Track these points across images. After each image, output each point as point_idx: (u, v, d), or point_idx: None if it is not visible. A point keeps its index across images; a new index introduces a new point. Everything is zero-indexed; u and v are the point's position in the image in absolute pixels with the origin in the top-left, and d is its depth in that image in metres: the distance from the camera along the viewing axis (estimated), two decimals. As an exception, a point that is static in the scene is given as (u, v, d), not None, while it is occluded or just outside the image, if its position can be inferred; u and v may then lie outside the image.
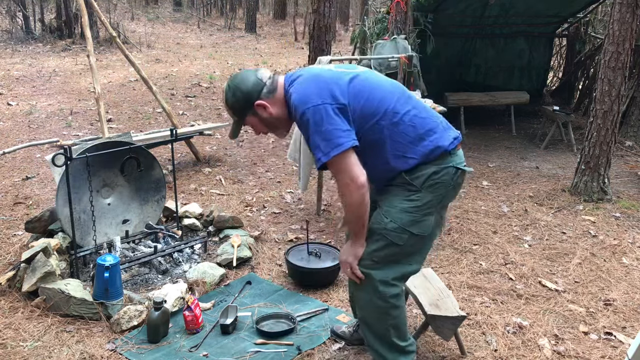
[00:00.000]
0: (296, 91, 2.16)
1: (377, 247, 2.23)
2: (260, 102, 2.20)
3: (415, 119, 2.20)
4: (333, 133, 2.08)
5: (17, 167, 5.44)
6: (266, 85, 2.21)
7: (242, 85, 2.21)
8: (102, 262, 2.92)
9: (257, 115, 2.24)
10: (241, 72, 2.27)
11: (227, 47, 14.91)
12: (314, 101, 2.10)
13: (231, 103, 2.24)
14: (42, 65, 10.98)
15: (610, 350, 2.81)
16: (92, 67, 4.93)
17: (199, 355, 2.71)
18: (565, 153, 6.42)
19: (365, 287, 2.28)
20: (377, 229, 2.23)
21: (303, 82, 2.18)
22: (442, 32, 7.40)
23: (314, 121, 2.09)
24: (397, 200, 2.23)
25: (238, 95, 2.21)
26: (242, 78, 2.23)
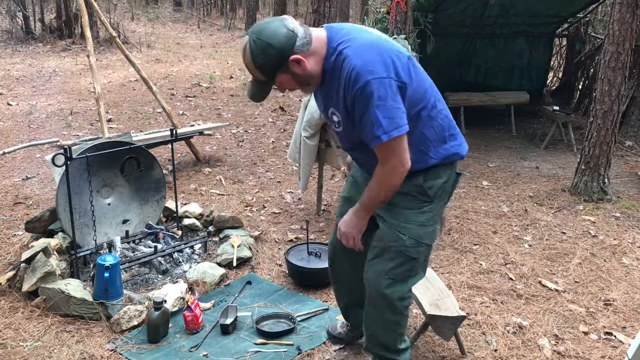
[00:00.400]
0: (356, 55, 1.91)
1: (395, 264, 2.17)
2: (296, 57, 1.92)
3: (445, 120, 2.14)
4: (396, 112, 1.91)
5: (17, 167, 5.44)
6: (299, 36, 1.92)
7: (274, 40, 1.89)
8: (102, 262, 2.92)
9: (290, 72, 1.96)
10: (264, 23, 1.95)
11: (227, 47, 14.91)
12: (380, 72, 1.89)
13: (260, 62, 1.91)
14: (42, 65, 10.98)
15: (610, 350, 2.81)
16: (92, 67, 4.93)
17: (199, 355, 2.71)
18: (565, 153, 6.42)
19: (379, 307, 2.24)
20: (393, 247, 2.15)
21: (363, 46, 1.94)
22: (442, 32, 7.39)
23: (378, 95, 1.88)
24: (411, 215, 2.14)
25: (270, 53, 1.89)
26: (272, 31, 1.90)
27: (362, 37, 1.98)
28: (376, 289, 2.21)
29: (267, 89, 2.02)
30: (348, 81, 1.91)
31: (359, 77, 1.88)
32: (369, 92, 1.88)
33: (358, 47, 1.93)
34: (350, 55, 1.91)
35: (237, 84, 9.86)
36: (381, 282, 2.19)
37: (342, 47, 1.94)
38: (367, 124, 1.93)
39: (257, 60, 1.91)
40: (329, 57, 1.97)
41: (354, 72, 1.89)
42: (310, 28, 1.99)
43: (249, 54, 1.92)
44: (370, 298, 2.27)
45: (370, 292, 2.27)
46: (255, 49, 1.90)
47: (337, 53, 1.95)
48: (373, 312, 2.29)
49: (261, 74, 1.96)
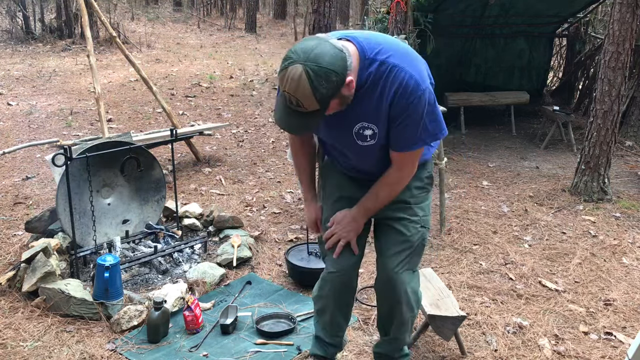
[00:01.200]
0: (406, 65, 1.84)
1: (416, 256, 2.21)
2: (349, 79, 1.78)
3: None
4: (440, 116, 1.96)
5: (17, 167, 5.44)
6: (347, 55, 1.78)
7: (335, 65, 1.72)
8: (102, 262, 2.92)
9: (340, 96, 1.80)
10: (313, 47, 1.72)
11: (227, 47, 14.91)
12: (426, 81, 1.89)
13: (322, 93, 1.71)
14: (42, 65, 10.98)
15: (610, 350, 2.81)
16: (92, 67, 4.93)
17: (199, 355, 2.71)
18: (565, 153, 6.42)
19: (412, 305, 2.24)
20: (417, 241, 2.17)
21: (405, 55, 1.88)
22: (442, 32, 7.39)
23: (429, 103, 1.89)
24: (426, 206, 2.22)
25: (333, 80, 1.71)
26: (329, 55, 1.71)
27: (397, 45, 1.91)
28: (408, 286, 2.18)
29: (318, 119, 1.81)
30: (403, 91, 1.83)
31: (417, 87, 1.83)
32: (423, 102, 1.86)
33: (402, 56, 1.87)
34: (399, 64, 1.84)
35: (237, 84, 9.86)
36: (408, 278, 2.19)
37: (382, 57, 1.85)
38: (413, 131, 1.90)
39: (318, 91, 1.71)
40: (366, 68, 1.85)
41: (411, 81, 1.83)
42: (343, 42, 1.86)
43: (307, 85, 1.69)
44: (405, 303, 2.21)
45: (401, 296, 2.19)
46: (316, 79, 1.69)
47: (378, 63, 1.84)
48: (409, 316, 2.27)
49: (317, 104, 1.75)
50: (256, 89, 9.50)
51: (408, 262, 2.18)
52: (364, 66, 1.85)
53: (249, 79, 10.39)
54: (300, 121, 1.80)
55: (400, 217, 2.18)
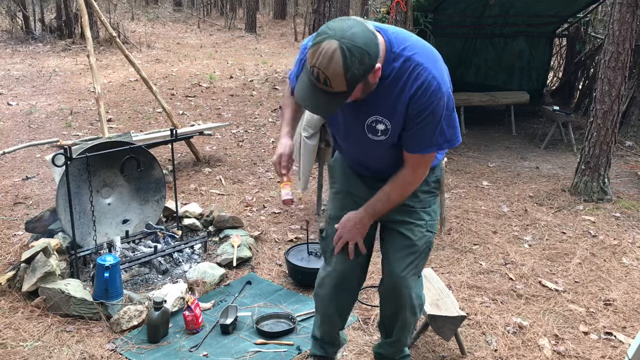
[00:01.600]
0: (431, 64, 1.80)
1: (421, 260, 2.20)
2: (379, 66, 1.74)
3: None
4: (457, 122, 1.94)
5: (17, 167, 5.44)
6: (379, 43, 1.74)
7: (370, 48, 1.67)
8: (102, 262, 2.92)
9: (366, 82, 1.75)
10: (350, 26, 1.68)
11: (227, 47, 14.91)
12: (448, 84, 1.86)
13: (352, 72, 1.66)
14: (42, 65, 10.98)
15: (610, 350, 2.81)
16: (92, 67, 4.93)
17: (199, 355, 2.71)
18: (565, 153, 6.42)
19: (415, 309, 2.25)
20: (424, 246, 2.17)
21: (431, 55, 1.85)
22: (442, 32, 7.40)
23: (448, 106, 1.85)
24: (433, 211, 2.20)
25: (366, 62, 1.67)
26: (366, 36, 1.67)
27: (423, 44, 1.88)
28: (413, 291, 2.19)
29: (343, 101, 1.75)
30: (424, 91, 1.79)
31: (438, 89, 1.79)
32: (443, 105, 1.83)
33: (427, 56, 1.83)
34: (425, 64, 1.80)
35: (237, 84, 9.86)
36: (413, 283, 2.18)
37: (409, 53, 1.80)
38: (429, 133, 1.87)
39: (351, 70, 1.65)
40: (391, 62, 1.81)
41: (433, 83, 1.79)
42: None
43: (340, 62, 1.64)
44: (409, 308, 2.22)
45: (405, 300, 2.19)
46: (351, 58, 1.64)
47: (403, 59, 1.80)
48: (412, 320, 2.28)
49: (345, 85, 1.69)
50: (256, 89, 9.50)
51: (414, 267, 2.17)
52: (389, 59, 1.80)
53: (249, 79, 10.39)
54: (324, 101, 1.73)
55: (406, 221, 2.15)
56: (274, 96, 9.00)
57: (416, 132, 1.88)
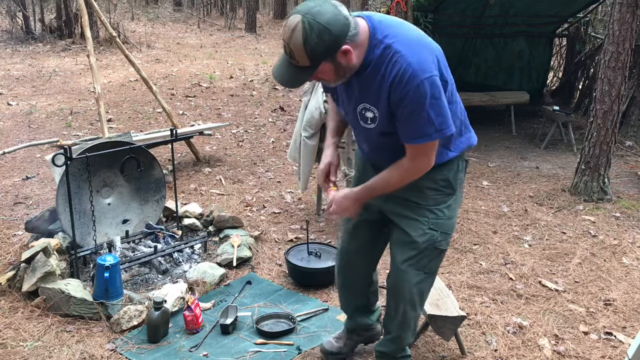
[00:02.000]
0: (408, 51, 1.82)
1: (429, 259, 2.18)
2: (347, 47, 1.79)
3: (462, 112, 2.12)
4: (446, 110, 1.87)
5: (17, 167, 5.44)
6: (352, 25, 1.80)
7: (333, 25, 1.74)
8: (102, 262, 2.92)
9: (335, 62, 1.82)
10: (318, 4, 1.78)
11: (227, 47, 14.91)
12: (431, 71, 1.82)
13: (311, 47, 1.74)
14: (42, 65, 10.98)
15: (610, 350, 2.81)
16: (92, 67, 4.93)
17: (199, 355, 2.71)
18: (565, 153, 6.42)
19: (416, 305, 2.26)
20: (428, 246, 2.14)
21: (412, 42, 1.86)
22: (442, 32, 7.39)
23: (432, 94, 1.81)
24: (440, 210, 2.13)
25: (325, 39, 1.74)
26: (330, 15, 1.75)
27: (407, 31, 1.89)
28: (414, 285, 2.19)
29: (307, 76, 1.85)
30: (400, 78, 1.81)
31: (414, 76, 1.79)
32: (423, 92, 1.80)
33: (408, 42, 1.84)
34: (402, 51, 1.82)
35: (237, 84, 9.86)
36: (416, 278, 2.19)
37: (389, 41, 1.84)
38: (416, 122, 1.86)
39: (309, 43, 1.74)
40: (373, 49, 1.85)
41: (409, 70, 1.80)
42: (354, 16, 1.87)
43: (300, 34, 1.74)
44: (409, 302, 2.23)
45: (406, 294, 2.22)
46: (310, 31, 1.73)
47: (383, 46, 1.84)
48: (412, 315, 2.29)
49: (307, 59, 1.78)
50: (256, 89, 9.50)
51: (416, 262, 2.17)
52: (371, 46, 1.85)
53: (249, 79, 10.38)
54: (290, 73, 1.84)
55: (408, 216, 2.15)
56: (274, 96, 9.00)
57: (405, 122, 1.89)
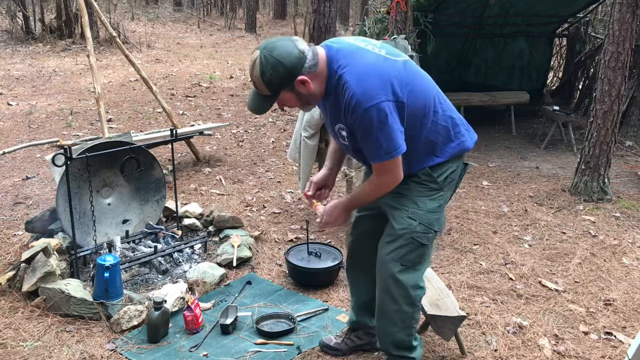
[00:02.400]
0: (355, 81, 1.97)
1: (407, 251, 2.22)
2: (303, 78, 1.98)
3: (449, 120, 2.20)
4: (396, 133, 1.99)
5: (17, 167, 5.44)
6: (308, 58, 1.99)
7: (285, 59, 1.95)
8: (102, 262, 2.92)
9: (295, 91, 2.02)
10: (276, 40, 2.00)
11: (227, 47, 14.91)
12: (379, 97, 1.95)
13: (268, 78, 1.97)
14: (42, 65, 10.98)
15: (610, 350, 2.81)
16: (92, 67, 4.93)
17: (199, 355, 2.71)
18: (565, 153, 6.42)
19: (394, 297, 2.27)
20: (404, 233, 2.20)
21: (362, 70, 1.99)
22: (442, 32, 7.40)
23: (378, 120, 1.96)
24: (421, 201, 2.21)
25: (280, 71, 1.95)
26: (284, 50, 1.96)
27: (361, 59, 2.03)
28: (391, 275, 2.24)
29: (269, 104, 2.07)
30: (348, 107, 1.98)
31: (359, 105, 1.95)
32: (369, 119, 1.95)
33: (357, 72, 1.99)
34: (350, 81, 1.97)
35: (237, 84, 9.86)
36: (394, 268, 2.24)
37: (341, 71, 2.00)
38: (369, 145, 2.03)
39: (265, 75, 1.96)
40: (331, 78, 2.03)
41: (353, 100, 1.96)
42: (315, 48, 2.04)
43: (258, 68, 1.97)
44: (386, 292, 2.28)
45: (384, 283, 2.28)
46: (266, 64, 1.95)
47: (337, 76, 2.01)
48: (390, 307, 2.30)
49: (267, 89, 2.01)
50: (256, 89, 9.48)
51: (396, 253, 2.23)
52: (330, 75, 2.04)
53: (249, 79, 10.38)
54: (256, 102, 2.07)
55: (392, 205, 2.26)
56: (274, 96, 8.99)
57: (361, 143, 2.09)
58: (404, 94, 2.01)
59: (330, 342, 2.73)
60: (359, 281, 2.61)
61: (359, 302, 2.65)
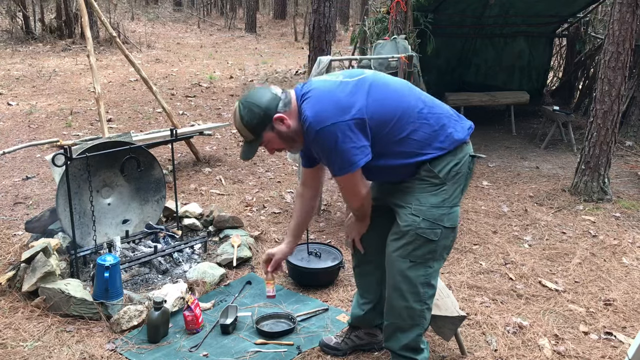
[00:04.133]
0: (310, 108, 2.13)
1: (414, 247, 2.24)
2: (279, 115, 2.15)
3: (429, 116, 2.23)
4: (349, 151, 2.10)
5: (17, 167, 5.44)
6: (282, 98, 2.17)
7: (259, 101, 2.14)
8: (102, 262, 2.92)
9: (275, 130, 2.17)
10: (251, 90, 2.20)
11: (227, 47, 14.92)
12: (329, 120, 2.08)
13: (247, 121, 2.14)
14: (42, 65, 10.98)
15: (610, 350, 2.81)
16: (92, 67, 4.93)
17: (199, 355, 2.71)
18: (565, 153, 6.42)
19: (403, 293, 2.28)
20: (409, 229, 2.23)
21: (316, 98, 2.15)
22: (442, 32, 7.40)
23: (330, 140, 2.09)
24: (424, 197, 2.24)
25: (255, 112, 2.13)
26: (257, 95, 2.17)
27: (318, 88, 2.18)
28: (399, 272, 2.26)
29: (255, 147, 2.23)
30: (308, 133, 2.14)
31: (311, 128, 2.11)
32: (321, 140, 2.11)
33: (313, 100, 2.14)
34: (306, 109, 2.13)
35: (237, 84, 9.87)
36: (402, 265, 2.25)
37: (304, 105, 2.16)
38: (327, 163, 2.22)
39: (244, 119, 2.14)
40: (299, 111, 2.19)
41: (306, 124, 2.12)
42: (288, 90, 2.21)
43: (237, 114, 2.16)
44: (395, 288, 2.29)
45: (393, 279, 2.29)
46: (243, 109, 2.14)
47: (302, 110, 2.16)
48: (399, 304, 2.31)
49: (249, 133, 2.17)
50: (256, 89, 9.48)
51: (403, 250, 2.25)
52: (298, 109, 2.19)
53: (249, 79, 10.39)
54: (245, 149, 2.24)
55: (397, 204, 2.31)
56: (274, 96, 8.99)
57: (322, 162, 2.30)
58: (362, 111, 2.11)
59: (330, 342, 2.74)
60: (366, 276, 2.62)
61: (367, 299, 2.64)
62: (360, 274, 2.64)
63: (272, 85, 2.22)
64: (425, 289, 2.28)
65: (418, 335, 2.37)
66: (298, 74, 10.97)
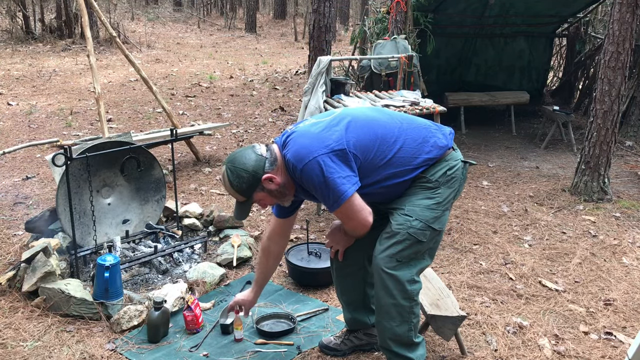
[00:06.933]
0: (290, 151, 2.20)
1: (403, 247, 2.26)
2: (268, 176, 2.21)
3: (410, 131, 2.31)
4: (334, 181, 2.14)
5: (17, 167, 5.44)
6: (267, 157, 2.23)
7: (246, 165, 2.20)
8: (102, 262, 2.92)
9: (265, 190, 2.24)
10: (237, 152, 2.26)
11: (227, 47, 14.92)
12: (310, 155, 2.14)
13: (237, 186, 2.21)
14: (42, 65, 10.98)
15: (610, 350, 2.81)
16: (92, 67, 4.93)
17: (199, 355, 2.71)
18: (565, 153, 6.42)
19: (390, 291, 2.29)
20: (400, 229, 2.26)
21: (294, 140, 2.22)
22: (442, 32, 7.40)
23: (316, 174, 2.14)
24: (417, 199, 2.28)
25: (244, 176, 2.20)
26: (242, 159, 2.22)
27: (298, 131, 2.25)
28: (386, 271, 2.27)
29: (248, 208, 2.31)
30: (294, 175, 2.21)
31: (295, 168, 2.18)
32: (307, 177, 2.16)
33: (291, 142, 2.22)
34: (287, 153, 2.21)
35: (237, 84, 9.87)
36: (389, 264, 2.27)
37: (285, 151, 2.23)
38: (321, 198, 2.24)
39: (234, 185, 2.21)
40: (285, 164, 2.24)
41: (291, 166, 2.19)
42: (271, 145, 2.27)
43: (227, 179, 2.22)
44: (382, 287, 2.30)
45: (380, 278, 2.30)
46: (231, 175, 2.21)
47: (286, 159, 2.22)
48: (387, 302, 2.31)
49: (240, 195, 2.24)
50: (256, 89, 9.50)
51: (392, 249, 2.27)
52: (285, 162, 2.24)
53: (249, 79, 10.39)
54: (237, 209, 2.32)
55: (391, 207, 2.34)
56: (274, 96, 9.01)
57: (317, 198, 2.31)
58: (341, 142, 2.18)
59: (329, 343, 2.74)
60: (345, 279, 2.63)
61: (350, 301, 2.67)
62: (343, 275, 2.64)
63: (255, 144, 2.28)
64: (412, 286, 2.31)
65: (409, 331, 2.37)
66: (298, 74, 10.98)
